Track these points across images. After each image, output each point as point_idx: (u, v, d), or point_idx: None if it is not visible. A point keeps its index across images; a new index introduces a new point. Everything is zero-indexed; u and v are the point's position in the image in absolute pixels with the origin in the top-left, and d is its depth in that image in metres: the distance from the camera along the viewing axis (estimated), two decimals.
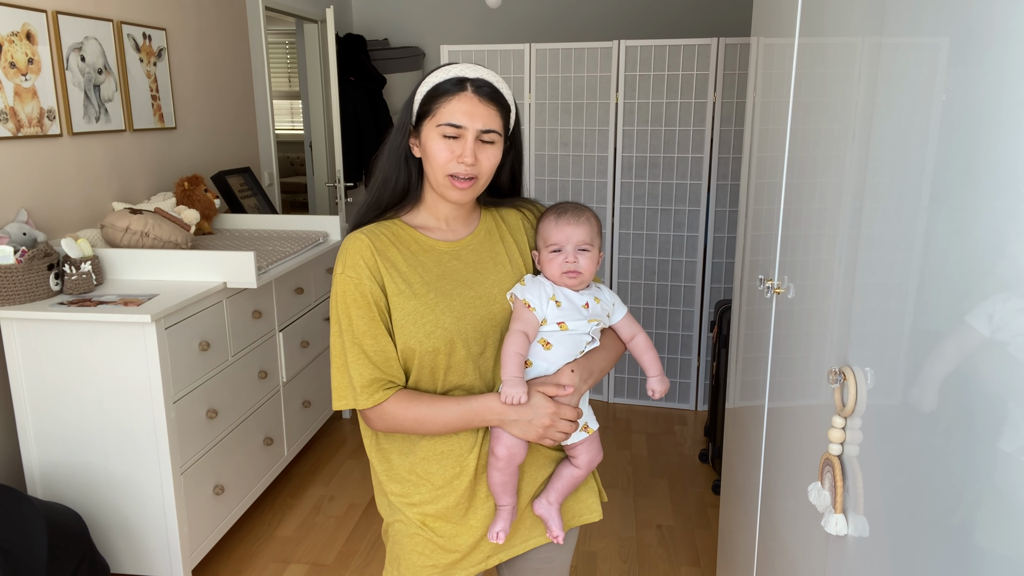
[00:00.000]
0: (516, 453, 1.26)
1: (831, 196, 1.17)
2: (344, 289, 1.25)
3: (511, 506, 1.29)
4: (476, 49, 3.76)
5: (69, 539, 1.97)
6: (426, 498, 1.31)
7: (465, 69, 1.25)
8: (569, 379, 1.27)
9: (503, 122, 1.26)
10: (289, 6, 4.31)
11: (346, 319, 1.25)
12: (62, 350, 2.16)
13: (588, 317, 1.30)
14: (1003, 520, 0.65)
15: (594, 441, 1.36)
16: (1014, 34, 0.66)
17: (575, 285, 1.31)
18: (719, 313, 3.00)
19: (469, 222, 1.36)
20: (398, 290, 1.25)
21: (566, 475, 1.35)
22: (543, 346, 1.28)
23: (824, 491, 1.08)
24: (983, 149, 0.70)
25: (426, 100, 1.25)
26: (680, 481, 3.10)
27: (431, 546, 1.32)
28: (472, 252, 1.33)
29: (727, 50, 3.44)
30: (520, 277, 1.33)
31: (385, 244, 1.28)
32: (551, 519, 1.33)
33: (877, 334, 0.95)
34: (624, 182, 3.67)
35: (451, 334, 1.25)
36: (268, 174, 4.20)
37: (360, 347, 1.24)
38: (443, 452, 1.29)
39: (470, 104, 1.22)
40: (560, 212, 1.32)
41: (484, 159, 1.24)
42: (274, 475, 2.86)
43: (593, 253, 1.31)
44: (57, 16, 2.57)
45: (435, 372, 1.27)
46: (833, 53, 1.20)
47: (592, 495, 1.44)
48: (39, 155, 2.53)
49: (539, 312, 1.27)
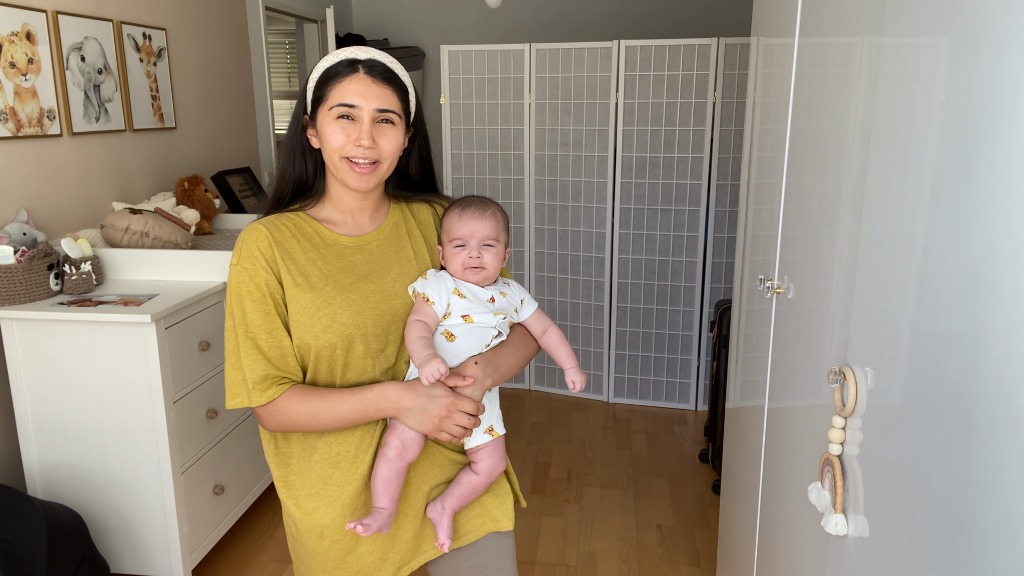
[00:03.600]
0: (409, 447, 1.21)
1: (831, 196, 1.17)
2: (239, 281, 1.20)
3: (387, 512, 1.22)
4: (476, 49, 3.76)
5: (69, 539, 1.97)
6: (320, 505, 1.24)
7: (356, 51, 1.22)
8: (472, 371, 1.23)
9: (401, 104, 1.22)
10: (289, 6, 4.31)
11: (240, 312, 1.20)
12: (62, 350, 2.16)
13: (494, 310, 1.27)
14: (1003, 520, 0.65)
15: (497, 448, 1.31)
16: (1014, 34, 0.66)
17: (479, 281, 1.28)
18: (719, 313, 3.00)
19: (376, 216, 1.31)
20: (294, 282, 1.20)
21: (464, 481, 1.30)
22: (447, 338, 1.25)
23: (824, 491, 1.08)
24: (983, 149, 0.70)
25: (318, 85, 1.21)
26: (680, 481, 3.10)
27: (335, 562, 1.27)
28: (376, 246, 1.28)
29: (727, 50, 3.44)
30: (425, 272, 1.29)
31: (285, 236, 1.23)
32: (440, 525, 1.27)
33: (877, 334, 0.95)
34: (624, 182, 3.67)
35: (349, 329, 1.20)
36: (268, 174, 4.20)
37: (254, 342, 1.19)
38: (338, 455, 1.24)
39: (363, 84, 1.18)
40: (464, 206, 1.29)
41: (384, 142, 1.20)
42: None
43: (498, 249, 1.29)
44: (57, 16, 2.57)
45: (332, 369, 1.23)
46: (833, 53, 1.20)
47: (503, 503, 1.36)
48: (39, 155, 2.53)
49: (438, 307, 1.24)
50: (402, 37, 5.34)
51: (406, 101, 1.25)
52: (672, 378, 3.83)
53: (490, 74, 3.78)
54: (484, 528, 1.34)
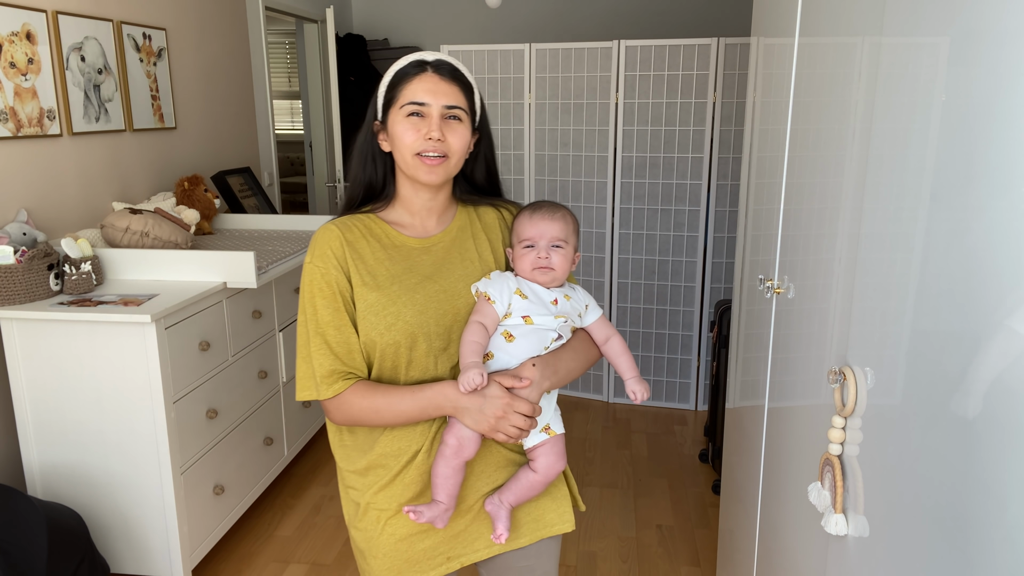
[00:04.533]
0: (466, 446, 1.23)
1: (831, 196, 1.17)
2: (311, 278, 1.26)
3: (444, 507, 1.25)
4: (476, 49, 3.76)
5: (69, 539, 1.97)
6: (382, 495, 1.30)
7: (424, 54, 1.28)
8: (529, 372, 1.24)
9: (467, 102, 1.27)
10: (289, 6, 4.31)
11: (311, 308, 1.26)
12: (62, 350, 2.16)
13: (555, 313, 1.28)
14: (1003, 520, 0.65)
15: (555, 446, 1.32)
16: (1014, 34, 0.66)
17: (546, 282, 1.28)
18: (719, 313, 3.00)
19: (443, 219, 1.35)
20: (362, 281, 1.25)
21: (523, 478, 1.31)
22: (506, 338, 1.25)
23: (824, 491, 1.08)
24: (983, 149, 0.70)
25: (389, 88, 1.28)
26: (680, 481, 3.10)
27: (389, 546, 1.32)
28: (442, 248, 1.32)
29: (727, 50, 3.44)
30: (489, 273, 1.32)
31: (356, 236, 1.28)
32: (498, 518, 1.29)
33: (877, 334, 0.95)
34: (624, 182, 3.67)
35: (412, 327, 1.24)
36: (268, 174, 4.20)
37: (323, 337, 1.25)
38: (399, 449, 1.28)
39: (431, 82, 1.24)
40: (535, 208, 1.31)
41: (452, 137, 1.24)
42: (274, 475, 2.86)
43: (567, 251, 1.29)
44: (57, 16, 2.57)
45: (396, 366, 1.26)
46: (833, 53, 1.20)
47: (562, 504, 1.39)
48: (39, 155, 2.53)
49: (499, 306, 1.24)
50: (402, 37, 5.34)
51: (472, 100, 1.29)
52: (672, 378, 3.83)
53: (490, 74, 3.78)
54: (538, 533, 1.37)
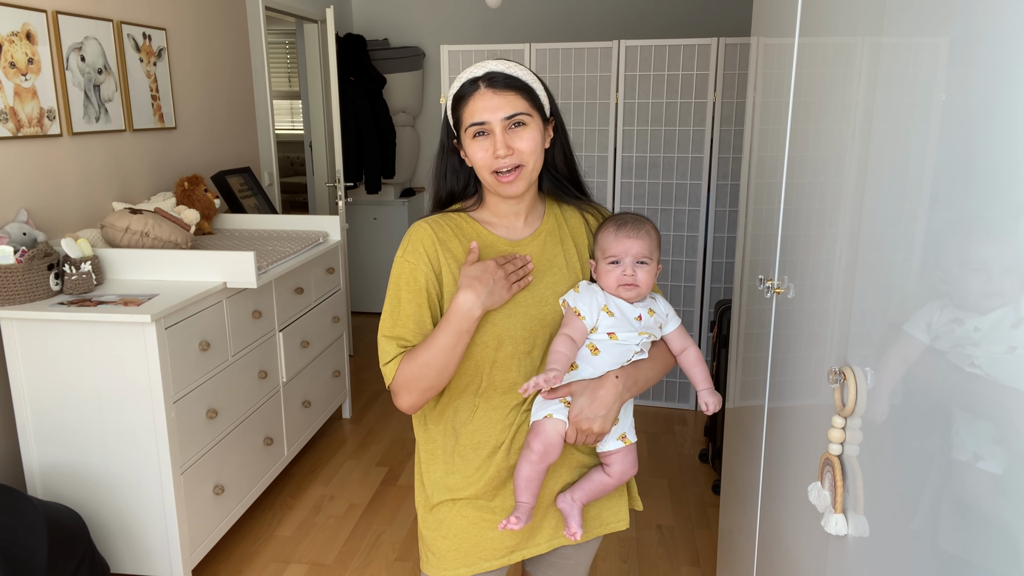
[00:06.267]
0: (551, 451, 1.27)
1: (831, 196, 1.17)
2: (400, 272, 1.29)
3: (528, 506, 1.30)
4: (476, 49, 3.76)
5: (69, 539, 1.97)
6: (459, 484, 1.34)
7: (475, 69, 1.28)
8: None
9: (528, 103, 1.27)
10: (289, 6, 4.31)
11: (395, 299, 1.30)
12: (62, 350, 2.16)
13: (639, 329, 1.31)
14: (1002, 520, 0.65)
15: (629, 454, 1.37)
16: (1014, 34, 0.66)
17: (632, 298, 1.31)
18: (719, 313, 3.00)
19: (531, 220, 1.37)
20: (454, 279, 1.28)
21: (596, 479, 1.36)
22: (591, 351, 1.29)
23: (824, 491, 1.08)
24: (983, 149, 0.70)
25: (453, 110, 1.30)
26: (680, 481, 3.10)
27: (461, 528, 1.35)
28: (531, 253, 1.35)
29: (727, 50, 3.44)
30: (575, 281, 1.34)
31: (447, 235, 1.31)
32: (571, 516, 1.34)
33: (877, 334, 0.95)
34: (624, 182, 3.67)
35: (499, 329, 1.27)
36: (268, 174, 4.20)
37: (402, 329, 1.28)
38: (479, 441, 1.32)
39: (485, 100, 1.25)
40: (620, 224, 1.32)
41: (520, 144, 1.26)
42: (274, 475, 2.86)
43: (651, 266, 1.31)
44: (57, 16, 2.57)
45: (480, 366, 1.29)
46: (833, 53, 1.20)
47: (619, 503, 1.45)
48: (39, 155, 2.53)
49: (588, 321, 1.28)
50: (402, 37, 5.34)
51: (534, 98, 1.29)
52: (672, 378, 3.83)
53: None
54: (595, 531, 1.43)
